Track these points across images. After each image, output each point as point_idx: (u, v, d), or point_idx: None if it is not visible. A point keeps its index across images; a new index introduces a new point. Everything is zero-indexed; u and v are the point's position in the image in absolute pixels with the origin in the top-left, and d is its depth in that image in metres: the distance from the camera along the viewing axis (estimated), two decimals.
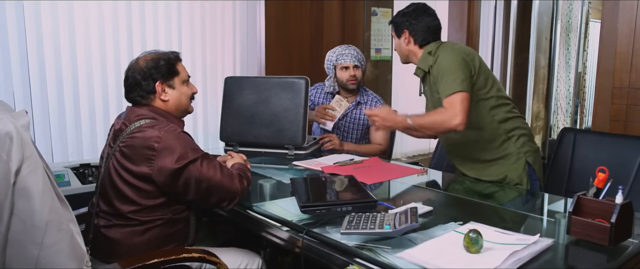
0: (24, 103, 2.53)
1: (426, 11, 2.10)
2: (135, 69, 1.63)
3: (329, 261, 1.32)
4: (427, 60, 2.02)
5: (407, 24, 2.08)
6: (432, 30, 2.08)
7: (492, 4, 3.67)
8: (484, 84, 1.97)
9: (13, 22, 2.46)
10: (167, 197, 1.56)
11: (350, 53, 2.69)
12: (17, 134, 1.05)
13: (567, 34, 4.81)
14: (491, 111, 1.98)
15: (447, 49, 1.96)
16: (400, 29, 2.11)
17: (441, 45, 2.02)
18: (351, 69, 2.69)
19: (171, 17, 3.05)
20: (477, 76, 1.94)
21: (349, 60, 2.68)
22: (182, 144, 1.52)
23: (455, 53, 1.92)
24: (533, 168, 1.98)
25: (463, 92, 1.85)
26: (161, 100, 1.65)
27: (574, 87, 4.93)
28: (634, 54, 2.42)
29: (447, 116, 1.86)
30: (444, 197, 1.80)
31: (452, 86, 1.86)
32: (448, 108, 1.87)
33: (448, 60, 1.91)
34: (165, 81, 1.65)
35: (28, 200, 1.08)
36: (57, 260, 1.13)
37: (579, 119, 5.09)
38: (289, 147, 2.39)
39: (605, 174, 1.32)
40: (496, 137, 2.00)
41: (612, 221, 1.23)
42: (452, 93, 1.86)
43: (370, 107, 2.70)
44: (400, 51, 2.16)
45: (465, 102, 1.85)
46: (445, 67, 1.91)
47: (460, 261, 1.17)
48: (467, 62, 1.91)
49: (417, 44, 2.08)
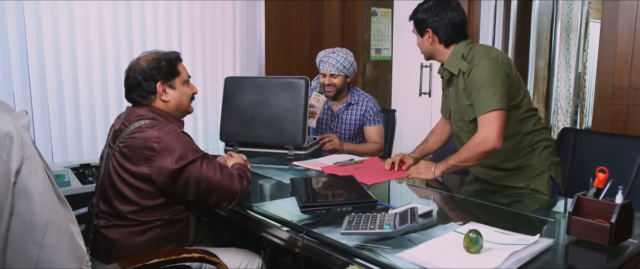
0: (24, 103, 2.53)
1: (449, 5, 1.93)
2: (136, 69, 1.62)
3: (329, 261, 1.32)
4: (458, 63, 1.89)
5: (430, 21, 1.93)
6: (457, 27, 1.92)
7: (492, 4, 3.66)
8: (516, 95, 1.87)
9: (13, 22, 2.47)
10: (166, 197, 1.56)
11: (328, 61, 2.63)
12: (17, 134, 1.05)
13: (567, 34, 4.81)
14: (519, 122, 1.90)
15: (484, 57, 1.81)
16: (422, 27, 1.97)
17: (474, 48, 1.89)
18: (328, 77, 2.65)
19: (171, 17, 3.05)
20: (511, 86, 1.84)
21: (326, 69, 2.64)
22: (182, 145, 1.52)
23: (495, 64, 1.79)
24: (556, 181, 1.94)
25: (500, 110, 1.75)
26: (162, 100, 1.65)
27: (574, 87, 4.93)
28: (634, 54, 2.42)
29: (482, 137, 1.76)
30: (444, 197, 1.80)
31: (490, 103, 1.75)
32: (482, 128, 1.77)
33: (487, 72, 1.78)
34: (167, 81, 1.65)
35: (28, 200, 1.08)
36: (57, 260, 1.13)
37: (579, 119, 5.09)
38: (289, 148, 2.39)
39: (605, 174, 1.32)
40: (521, 148, 1.92)
41: (612, 221, 1.23)
42: (490, 111, 1.75)
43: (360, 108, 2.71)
44: (424, 49, 2.03)
45: (501, 119, 1.75)
46: (483, 79, 1.78)
47: (460, 261, 1.17)
48: (506, 75, 1.80)
49: (442, 43, 1.94)
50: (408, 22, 2.06)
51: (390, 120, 2.96)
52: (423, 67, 3.72)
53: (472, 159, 1.80)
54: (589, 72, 5.07)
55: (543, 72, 4.70)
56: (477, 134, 1.80)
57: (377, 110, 2.74)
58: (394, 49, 4.14)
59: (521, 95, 1.89)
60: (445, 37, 1.93)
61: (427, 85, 3.74)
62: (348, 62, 2.64)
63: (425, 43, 1.98)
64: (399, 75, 4.20)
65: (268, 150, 2.42)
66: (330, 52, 2.67)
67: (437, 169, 1.90)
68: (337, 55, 2.64)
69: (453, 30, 1.92)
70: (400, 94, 4.24)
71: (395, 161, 2.13)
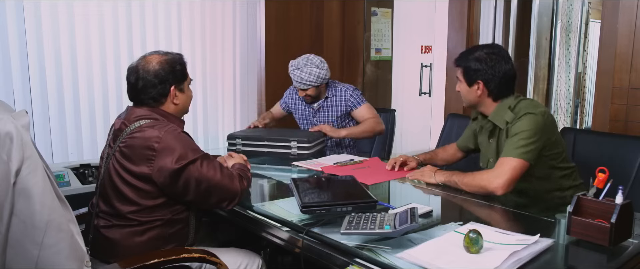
0: (24, 103, 2.53)
1: (503, 56, 1.83)
2: (149, 70, 1.61)
3: (329, 261, 1.32)
4: (504, 115, 1.83)
5: (482, 73, 1.82)
6: (510, 82, 1.84)
7: (492, 4, 3.66)
8: (559, 155, 1.84)
9: (13, 22, 2.47)
10: (167, 197, 1.56)
11: (296, 80, 2.59)
12: (17, 134, 1.05)
13: (567, 34, 4.81)
14: (560, 179, 1.87)
15: (531, 111, 1.76)
16: (472, 78, 1.85)
17: (522, 101, 1.83)
18: (299, 90, 2.66)
19: (171, 17, 3.05)
20: (555, 145, 1.81)
21: (296, 85, 2.63)
22: (182, 144, 1.52)
23: (538, 119, 1.74)
24: None
25: (522, 160, 1.70)
26: (173, 104, 1.66)
27: (574, 88, 4.94)
28: (634, 54, 2.42)
29: (491, 177, 1.70)
30: (444, 197, 1.80)
31: (516, 151, 1.70)
32: (496, 168, 1.73)
33: (529, 124, 1.73)
34: (179, 84, 1.66)
35: (28, 200, 1.08)
36: (57, 260, 1.13)
37: (579, 119, 5.09)
38: (293, 145, 2.37)
39: (605, 174, 1.32)
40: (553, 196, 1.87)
41: (612, 221, 1.23)
42: (511, 157, 1.71)
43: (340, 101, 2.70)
44: (468, 99, 1.92)
45: (517, 171, 1.69)
46: (522, 129, 1.73)
47: (460, 261, 1.17)
48: (545, 133, 1.75)
49: (490, 96, 1.86)
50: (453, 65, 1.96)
51: (390, 120, 2.96)
52: (423, 67, 3.72)
53: (470, 188, 1.76)
54: (589, 72, 5.07)
55: (543, 72, 4.70)
56: (489, 171, 1.76)
57: (358, 93, 2.74)
58: (394, 49, 4.14)
59: (563, 155, 1.86)
60: (495, 91, 1.84)
61: (427, 85, 3.74)
62: (314, 76, 2.56)
63: (472, 93, 1.88)
64: (399, 75, 4.20)
65: (271, 150, 2.41)
66: (295, 69, 2.59)
67: (440, 176, 1.89)
68: (302, 72, 2.56)
69: (505, 85, 1.84)
70: (400, 94, 4.24)
71: (397, 162, 2.12)
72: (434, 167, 2.00)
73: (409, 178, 2.01)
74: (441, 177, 1.88)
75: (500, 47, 1.90)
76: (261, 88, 3.54)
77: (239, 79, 3.45)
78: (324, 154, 2.50)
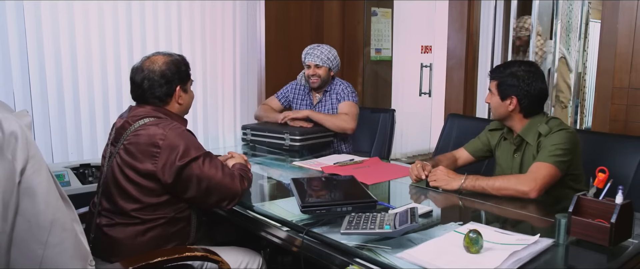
0: (24, 103, 2.53)
1: (540, 74, 1.86)
2: (155, 70, 1.62)
3: (329, 261, 1.32)
4: (538, 129, 1.85)
5: (517, 89, 1.84)
6: (542, 100, 1.87)
7: (492, 4, 3.66)
8: (577, 178, 1.86)
9: (13, 22, 2.47)
10: (170, 195, 1.56)
11: (313, 52, 2.74)
12: (22, 133, 1.05)
13: (567, 34, 4.81)
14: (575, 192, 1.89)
15: (564, 128, 1.82)
16: (506, 92, 1.86)
17: (553, 119, 1.86)
18: (312, 67, 2.74)
19: (171, 17, 3.05)
20: (577, 167, 1.84)
21: (311, 59, 2.74)
22: (186, 142, 1.54)
23: (573, 136, 1.80)
24: None
25: (556, 168, 1.73)
26: (178, 103, 1.69)
27: (574, 88, 4.93)
28: (634, 54, 2.42)
29: (524, 179, 1.71)
30: (444, 197, 1.80)
31: (552, 159, 1.73)
32: (531, 172, 1.73)
33: (564, 139, 1.77)
34: (183, 85, 1.69)
35: (33, 199, 1.08)
36: (61, 260, 1.13)
37: (579, 119, 5.08)
38: (285, 138, 2.51)
39: (605, 174, 1.33)
40: None
41: (612, 221, 1.23)
42: (547, 163, 1.72)
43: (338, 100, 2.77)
44: (499, 112, 1.92)
45: (551, 178, 1.71)
46: (558, 142, 1.77)
47: (460, 261, 1.18)
48: (575, 151, 1.80)
49: (522, 112, 1.88)
50: (486, 78, 1.96)
51: (390, 120, 2.96)
52: (423, 67, 3.72)
53: (504, 192, 1.72)
54: (589, 72, 5.07)
55: None
56: (525, 176, 1.75)
57: (351, 91, 2.80)
58: (394, 49, 4.14)
59: (580, 177, 1.88)
60: (528, 108, 1.86)
61: (427, 85, 3.75)
62: (332, 56, 2.76)
63: (503, 107, 1.88)
64: (399, 75, 4.20)
65: (269, 140, 2.62)
66: (316, 46, 2.78)
67: (466, 182, 1.78)
68: (322, 48, 2.76)
69: (537, 103, 1.87)
70: (400, 94, 4.25)
71: (420, 173, 1.92)
72: (450, 172, 1.86)
73: (430, 184, 1.88)
74: (467, 185, 1.78)
75: (537, 66, 1.92)
76: (261, 88, 3.55)
77: (239, 79, 3.45)
78: (319, 150, 2.53)
